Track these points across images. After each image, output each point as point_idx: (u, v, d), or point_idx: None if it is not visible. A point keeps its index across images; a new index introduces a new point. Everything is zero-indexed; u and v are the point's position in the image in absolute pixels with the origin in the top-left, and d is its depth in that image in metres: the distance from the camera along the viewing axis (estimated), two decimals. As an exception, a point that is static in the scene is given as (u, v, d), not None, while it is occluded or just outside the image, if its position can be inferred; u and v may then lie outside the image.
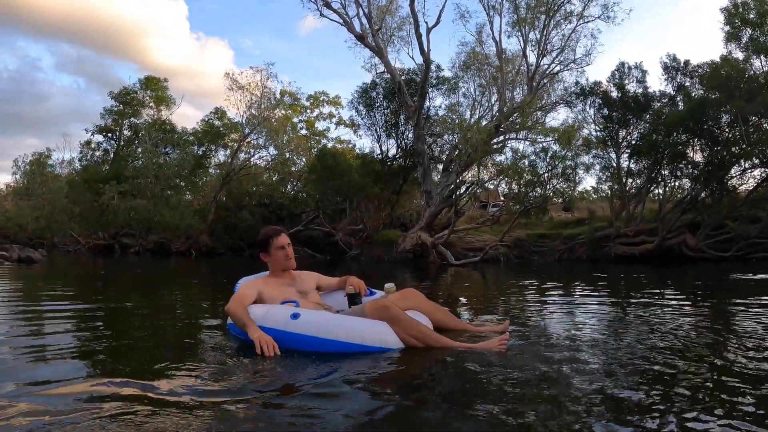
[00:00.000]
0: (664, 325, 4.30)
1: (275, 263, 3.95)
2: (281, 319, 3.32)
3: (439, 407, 2.29)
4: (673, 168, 18.92)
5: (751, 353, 3.18)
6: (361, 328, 3.24)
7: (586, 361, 3.02)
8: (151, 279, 11.76)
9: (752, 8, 18.44)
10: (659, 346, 3.40)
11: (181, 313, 5.51)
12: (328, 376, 2.76)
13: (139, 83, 29.70)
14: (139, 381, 2.55)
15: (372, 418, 2.14)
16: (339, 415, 2.12)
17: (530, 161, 18.62)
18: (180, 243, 25.71)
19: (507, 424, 2.05)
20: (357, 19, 21.45)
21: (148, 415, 2.08)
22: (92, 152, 31.59)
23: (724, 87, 17.14)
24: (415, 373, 2.90)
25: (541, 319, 5.01)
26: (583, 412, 2.17)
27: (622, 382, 2.57)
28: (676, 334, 3.87)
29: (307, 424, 2.04)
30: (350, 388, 2.52)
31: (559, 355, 3.14)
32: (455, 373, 2.84)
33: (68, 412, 2.11)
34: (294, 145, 26.78)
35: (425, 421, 2.12)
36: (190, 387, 2.47)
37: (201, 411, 2.13)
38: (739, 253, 16.81)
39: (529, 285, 9.60)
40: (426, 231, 19.31)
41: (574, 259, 18.89)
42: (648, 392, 2.37)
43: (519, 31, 20.35)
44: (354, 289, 3.86)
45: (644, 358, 3.06)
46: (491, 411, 2.18)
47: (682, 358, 3.09)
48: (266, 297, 3.73)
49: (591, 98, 19.98)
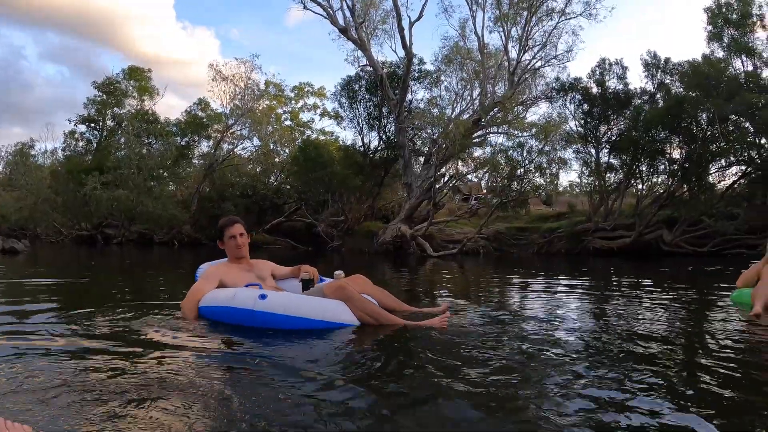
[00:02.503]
0: (634, 315, 4.57)
1: (228, 251, 4.23)
2: (250, 300, 3.57)
3: (396, 377, 2.54)
4: (651, 164, 19.21)
5: (713, 342, 3.39)
6: (322, 306, 3.60)
7: (540, 342, 3.30)
8: (140, 268, 11.86)
9: (735, 9, 18.71)
10: (625, 333, 3.61)
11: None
12: (293, 351, 3.07)
13: (122, 73, 29.55)
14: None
15: (334, 391, 2.29)
16: (301, 393, 2.24)
17: (507, 155, 18.78)
18: (163, 234, 25.68)
19: (452, 387, 2.30)
20: (341, 11, 21.54)
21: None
22: (75, 142, 31.28)
23: (704, 86, 17.39)
24: (374, 348, 3.22)
25: (499, 304, 5.37)
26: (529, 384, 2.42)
27: (577, 363, 2.76)
28: (646, 323, 4.11)
29: (276, 399, 2.15)
30: (314, 364, 2.72)
31: (507, 335, 3.47)
32: (406, 347, 3.25)
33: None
34: (278, 136, 26.79)
35: (383, 392, 2.31)
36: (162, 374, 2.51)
37: (172, 397, 2.14)
38: (715, 248, 17.10)
39: (500, 276, 9.89)
40: (406, 223, 19.47)
41: (553, 253, 19.13)
42: (615, 378, 2.49)
43: (501, 27, 20.50)
44: (308, 275, 4.14)
45: (603, 345, 3.27)
46: (442, 377, 2.46)
47: (654, 344, 3.30)
48: (229, 283, 3.96)
49: (571, 94, 20.15)
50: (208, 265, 4.28)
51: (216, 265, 4.21)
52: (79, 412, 1.93)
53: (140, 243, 25.99)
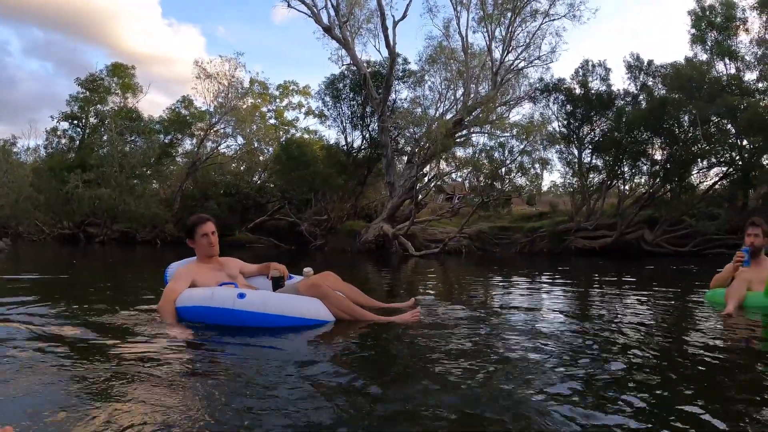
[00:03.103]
0: (610, 312, 4.67)
1: (200, 250, 4.13)
2: (229, 299, 3.60)
3: (376, 371, 2.64)
4: (633, 165, 19.33)
5: (685, 340, 3.50)
6: (300, 304, 3.69)
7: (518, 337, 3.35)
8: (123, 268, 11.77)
9: (719, 13, 18.87)
10: (600, 329, 3.71)
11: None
12: (271, 349, 3.16)
13: (105, 70, 29.30)
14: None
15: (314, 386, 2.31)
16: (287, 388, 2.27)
17: (488, 155, 18.83)
18: (146, 232, 25.52)
19: (431, 381, 2.36)
20: (325, 10, 21.48)
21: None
22: (58, 139, 30.99)
23: (686, 88, 17.53)
24: (350, 343, 3.36)
25: (477, 303, 5.42)
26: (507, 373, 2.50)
27: (553, 355, 2.85)
28: (621, 322, 4.15)
29: (262, 396, 2.17)
30: (294, 361, 2.78)
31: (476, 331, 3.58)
32: (381, 342, 3.37)
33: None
34: (262, 134, 26.71)
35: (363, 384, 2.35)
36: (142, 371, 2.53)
37: (151, 397, 2.13)
38: (696, 248, 17.23)
39: (479, 274, 9.99)
40: (388, 222, 19.46)
41: (536, 252, 19.21)
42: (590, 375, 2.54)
43: (485, 27, 20.54)
44: (279, 272, 4.15)
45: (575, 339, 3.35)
46: (419, 370, 2.58)
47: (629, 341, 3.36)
48: (201, 282, 3.91)
49: (555, 94, 20.23)
50: (177, 265, 4.21)
51: (186, 265, 4.14)
52: (56, 407, 1.95)
53: (123, 242, 25.82)
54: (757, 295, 4.47)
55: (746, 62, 18.89)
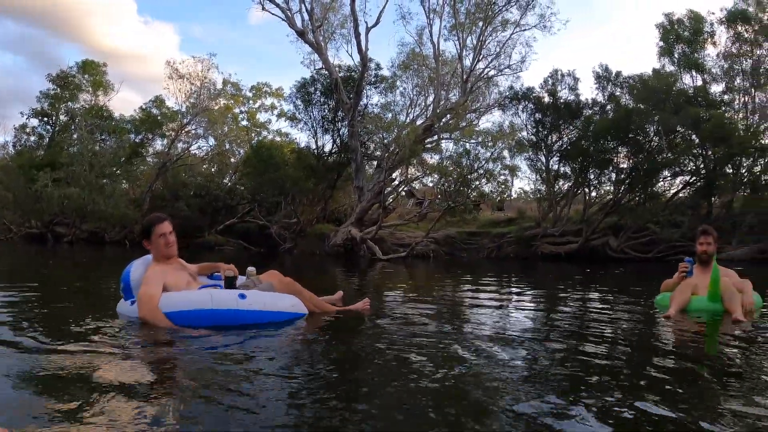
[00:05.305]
0: (566, 313, 5.06)
1: (157, 250, 4.00)
2: (231, 300, 3.76)
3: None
4: (599, 173, 19.63)
5: (630, 339, 3.83)
6: (288, 300, 4.13)
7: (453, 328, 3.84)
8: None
9: (687, 27, 19.26)
10: (551, 327, 4.10)
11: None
12: (255, 343, 3.38)
13: (76, 66, 28.95)
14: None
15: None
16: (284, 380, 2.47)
17: (454, 161, 19.00)
18: (115, 232, 25.26)
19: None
20: (299, 14, 21.48)
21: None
22: (27, 137, 30.53)
23: (653, 99, 17.87)
24: (332, 332, 3.91)
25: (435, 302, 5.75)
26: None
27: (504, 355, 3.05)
28: (574, 323, 4.48)
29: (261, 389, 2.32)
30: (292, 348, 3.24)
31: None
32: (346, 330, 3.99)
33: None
34: (234, 136, 26.61)
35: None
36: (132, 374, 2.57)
37: (141, 399, 2.16)
38: (660, 254, 17.57)
39: (443, 277, 10.19)
40: (357, 226, 19.54)
41: (503, 257, 19.44)
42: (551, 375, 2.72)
43: (456, 36, 20.76)
44: (233, 272, 4.22)
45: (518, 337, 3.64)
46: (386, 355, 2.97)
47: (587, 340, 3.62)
48: (171, 284, 3.86)
49: (524, 103, 20.49)
50: (140, 267, 4.01)
51: (152, 267, 3.95)
52: (44, 408, 1.98)
53: (91, 242, 25.48)
54: (701, 299, 4.71)
55: (713, 74, 19.38)
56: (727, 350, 3.41)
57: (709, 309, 4.62)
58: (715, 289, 4.57)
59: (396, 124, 20.14)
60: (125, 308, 3.92)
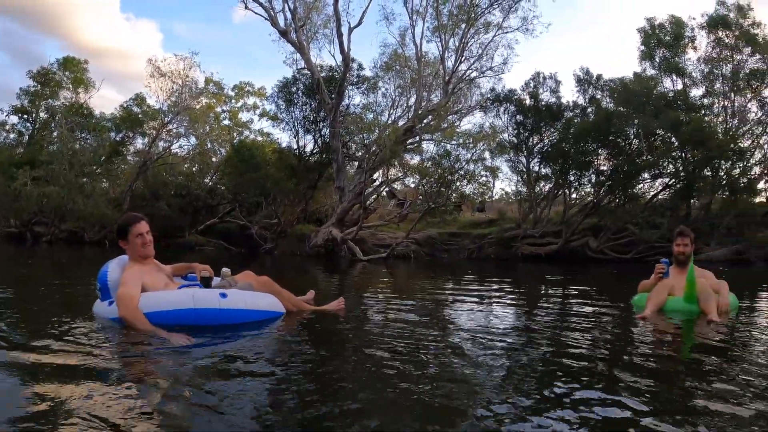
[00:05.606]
0: (544, 314, 5.22)
1: (134, 251, 3.97)
2: (213, 300, 3.77)
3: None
4: (580, 175, 19.75)
5: (607, 338, 3.97)
6: (267, 299, 4.22)
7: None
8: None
9: (668, 31, 19.43)
10: (528, 326, 4.26)
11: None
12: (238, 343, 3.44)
13: (57, 63, 28.64)
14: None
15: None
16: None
17: (436, 162, 19.02)
18: (94, 232, 24.98)
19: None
20: (282, 13, 21.39)
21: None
22: (6, 134, 30.19)
23: (633, 102, 18.03)
24: (309, 332, 4.01)
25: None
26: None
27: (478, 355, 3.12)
28: (553, 322, 4.60)
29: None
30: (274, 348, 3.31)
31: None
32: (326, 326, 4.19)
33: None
34: (215, 135, 26.44)
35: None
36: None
37: (133, 402, 2.16)
38: (639, 255, 17.74)
39: (422, 277, 10.28)
40: (337, 226, 19.50)
41: (484, 258, 19.50)
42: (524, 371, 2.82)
43: (439, 37, 20.80)
44: (209, 273, 4.24)
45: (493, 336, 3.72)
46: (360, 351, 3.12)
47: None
48: (149, 285, 3.83)
49: (505, 105, 20.56)
50: (116, 267, 3.97)
51: (128, 267, 3.92)
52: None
53: (71, 241, 25.16)
54: (678, 300, 4.76)
55: (693, 79, 19.57)
56: (701, 350, 3.48)
57: (685, 310, 4.69)
58: (691, 290, 4.64)
59: (377, 124, 20.12)
60: (102, 308, 3.88)
